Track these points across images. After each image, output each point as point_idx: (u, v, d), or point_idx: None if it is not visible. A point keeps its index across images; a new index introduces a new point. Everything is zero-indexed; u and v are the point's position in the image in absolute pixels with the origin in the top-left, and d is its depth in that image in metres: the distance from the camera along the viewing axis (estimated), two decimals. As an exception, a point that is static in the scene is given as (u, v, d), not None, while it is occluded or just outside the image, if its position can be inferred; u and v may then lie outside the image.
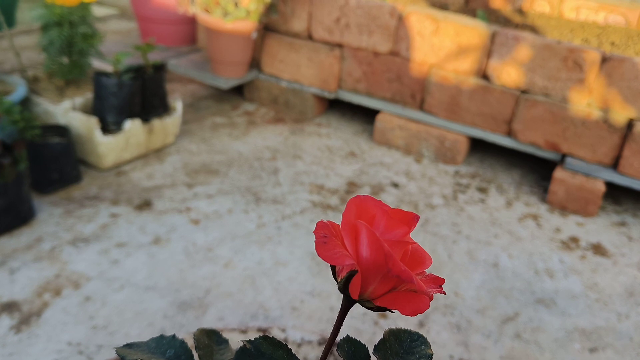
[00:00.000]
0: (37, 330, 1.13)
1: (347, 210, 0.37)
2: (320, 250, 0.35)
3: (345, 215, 0.37)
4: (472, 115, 2.00)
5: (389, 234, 0.36)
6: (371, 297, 0.37)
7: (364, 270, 0.36)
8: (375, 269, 0.36)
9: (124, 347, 0.44)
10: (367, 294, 0.37)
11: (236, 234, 1.50)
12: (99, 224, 1.48)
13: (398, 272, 0.34)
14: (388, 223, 0.36)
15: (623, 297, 1.44)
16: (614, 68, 1.74)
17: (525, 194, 1.90)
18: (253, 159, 1.92)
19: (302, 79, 2.26)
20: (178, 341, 0.45)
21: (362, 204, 0.38)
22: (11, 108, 1.46)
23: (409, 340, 0.43)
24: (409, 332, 0.43)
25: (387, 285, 0.37)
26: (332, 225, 0.38)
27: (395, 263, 0.34)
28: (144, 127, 1.78)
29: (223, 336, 0.47)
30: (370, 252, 0.35)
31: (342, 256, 0.35)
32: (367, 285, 0.37)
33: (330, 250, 0.35)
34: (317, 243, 0.36)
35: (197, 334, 0.45)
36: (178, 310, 1.22)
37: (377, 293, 0.37)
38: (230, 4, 2.00)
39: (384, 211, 0.36)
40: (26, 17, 2.89)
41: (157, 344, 0.45)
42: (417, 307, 0.35)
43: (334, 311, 1.27)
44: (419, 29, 2.00)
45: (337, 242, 0.36)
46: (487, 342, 1.24)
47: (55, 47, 1.68)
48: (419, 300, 0.36)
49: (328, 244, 0.36)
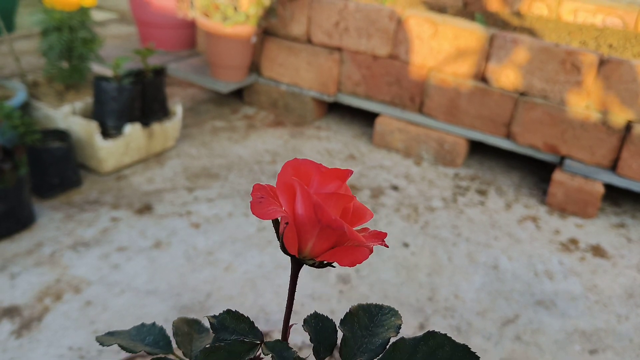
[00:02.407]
0: (38, 335, 1.13)
1: (282, 171, 0.38)
2: (254, 209, 0.36)
3: (281, 175, 0.38)
4: (471, 117, 2.00)
5: (322, 189, 0.37)
6: (312, 255, 0.38)
7: (300, 225, 0.37)
8: (310, 223, 0.36)
9: (105, 334, 0.45)
10: (307, 251, 0.38)
11: (236, 238, 1.51)
12: (100, 228, 1.48)
13: (328, 221, 0.35)
14: (322, 179, 0.37)
15: (622, 298, 1.44)
16: (612, 70, 1.75)
17: (525, 196, 1.91)
18: (253, 162, 1.92)
19: (301, 82, 2.26)
20: (157, 328, 0.46)
21: (299, 165, 0.38)
22: (11, 113, 1.47)
23: (379, 314, 0.43)
24: (380, 306, 0.43)
25: (327, 242, 0.37)
26: (270, 188, 0.39)
27: (325, 213, 0.34)
28: (144, 132, 1.78)
29: (204, 325, 0.47)
30: (304, 207, 0.36)
31: (274, 211, 0.36)
32: (305, 241, 0.37)
33: (264, 208, 0.36)
34: (252, 203, 0.36)
35: (176, 322, 0.46)
36: (179, 314, 1.22)
37: (318, 250, 0.37)
38: (229, 8, 2.01)
39: (318, 169, 0.37)
40: (26, 21, 2.89)
41: (137, 332, 0.46)
42: (355, 257, 0.36)
43: (335, 314, 1.27)
44: (417, 32, 2.01)
45: (274, 201, 0.37)
46: (488, 344, 1.24)
47: (55, 52, 1.68)
48: (358, 251, 0.36)
49: (263, 203, 0.36)
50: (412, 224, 1.66)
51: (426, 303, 1.34)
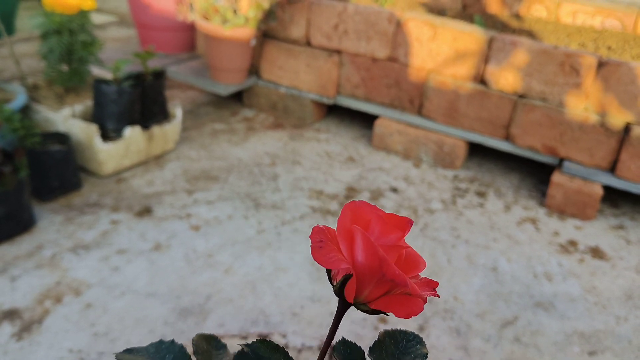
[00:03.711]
0: (39, 337, 1.14)
1: (342, 215, 0.38)
2: (316, 255, 0.36)
3: (341, 220, 0.38)
4: (470, 120, 2.01)
5: (383, 238, 0.37)
6: (366, 301, 0.38)
7: (359, 274, 0.37)
8: (370, 273, 0.36)
9: (124, 352, 0.44)
10: (362, 297, 0.38)
11: (236, 240, 1.51)
12: (100, 230, 1.49)
13: (392, 276, 0.35)
14: (383, 228, 0.37)
15: (621, 300, 1.45)
16: (611, 72, 1.75)
17: (524, 198, 1.91)
18: (252, 164, 1.92)
19: (300, 84, 2.27)
20: (177, 346, 0.45)
21: (357, 209, 0.38)
22: (11, 116, 1.47)
23: (404, 340, 0.43)
24: (405, 332, 0.43)
25: (381, 289, 0.37)
26: (327, 230, 0.38)
27: (390, 267, 0.35)
28: (143, 134, 1.79)
29: (221, 341, 0.47)
30: (365, 256, 0.36)
31: (338, 260, 0.36)
32: (362, 288, 0.37)
33: (326, 255, 0.36)
34: (313, 247, 0.36)
35: (196, 339, 0.46)
36: (179, 317, 1.22)
37: (372, 296, 0.38)
38: (229, 11, 2.01)
39: (379, 216, 0.37)
40: (26, 24, 2.90)
41: (156, 349, 0.45)
42: (411, 310, 0.36)
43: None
44: (416, 34, 2.01)
45: (333, 246, 0.37)
46: (487, 346, 1.25)
47: (54, 55, 1.69)
48: (413, 303, 0.36)
49: (324, 249, 0.36)
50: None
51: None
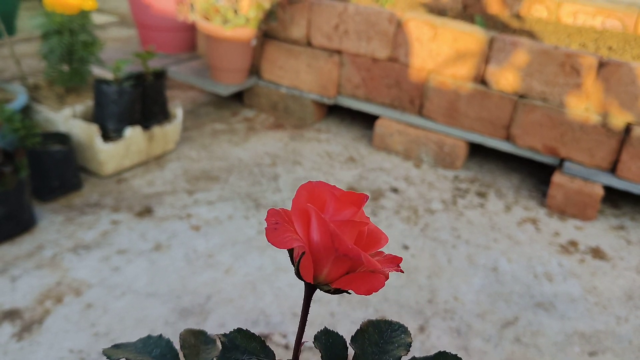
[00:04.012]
0: (39, 337, 1.14)
1: (297, 195, 0.37)
2: (270, 236, 0.35)
3: (296, 200, 0.37)
4: (470, 120, 2.01)
5: (337, 215, 0.36)
6: (327, 280, 0.37)
7: (316, 253, 0.36)
8: (326, 250, 0.36)
9: (112, 347, 0.44)
10: (322, 277, 0.37)
11: (237, 240, 1.51)
12: (100, 231, 1.49)
13: (345, 250, 0.34)
14: (337, 205, 0.36)
15: (622, 300, 1.44)
16: (611, 73, 1.75)
17: (524, 198, 1.91)
18: (253, 165, 1.92)
19: (301, 85, 2.27)
20: (164, 341, 0.46)
21: (313, 189, 0.38)
22: (12, 116, 1.47)
23: (389, 330, 0.42)
24: (390, 322, 0.43)
25: (342, 268, 0.36)
26: (284, 212, 0.38)
27: (342, 242, 0.34)
28: (144, 134, 1.79)
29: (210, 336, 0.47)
30: (320, 234, 0.35)
31: (291, 240, 0.35)
32: (320, 267, 0.37)
33: (279, 236, 0.35)
34: (267, 229, 0.36)
35: (184, 334, 0.46)
36: (179, 317, 1.22)
37: (332, 276, 0.37)
38: (229, 12, 2.01)
39: (334, 194, 0.37)
40: (26, 25, 2.90)
41: (144, 344, 0.45)
42: (372, 285, 0.35)
43: (335, 317, 1.27)
44: (417, 35, 2.01)
45: (289, 227, 0.37)
46: (487, 346, 1.25)
47: (55, 55, 1.69)
48: (374, 278, 0.35)
49: (278, 230, 0.36)
50: (411, 227, 1.66)
51: (426, 305, 1.35)
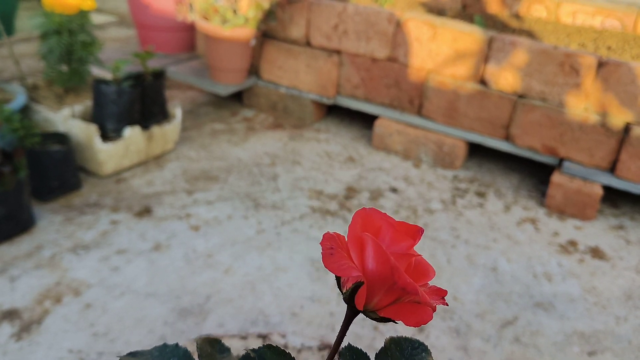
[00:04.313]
0: (38, 337, 1.14)
1: (353, 222, 0.38)
2: (327, 262, 0.36)
3: (352, 227, 0.38)
4: (470, 120, 2.01)
5: (394, 246, 0.37)
6: (375, 308, 0.38)
7: (370, 282, 0.37)
8: (381, 281, 0.36)
9: (127, 355, 0.44)
10: (371, 305, 0.38)
11: (236, 240, 1.51)
12: (99, 231, 1.49)
13: (404, 284, 0.35)
14: (394, 236, 0.37)
15: (621, 300, 1.44)
16: (611, 72, 1.75)
17: (524, 198, 1.91)
18: (252, 165, 1.92)
19: (300, 85, 2.27)
20: (181, 350, 0.45)
21: (368, 216, 0.38)
22: (11, 116, 1.47)
23: (409, 348, 0.43)
24: (410, 340, 0.43)
25: (391, 297, 0.37)
26: (338, 237, 0.38)
27: (401, 276, 0.35)
28: (143, 134, 1.79)
29: (225, 345, 0.47)
30: (376, 264, 0.36)
31: (349, 268, 0.36)
32: (372, 296, 0.37)
33: (337, 262, 0.36)
34: (324, 254, 0.36)
35: (200, 343, 0.46)
36: (178, 317, 1.22)
37: (381, 304, 0.37)
38: (228, 12, 2.01)
39: (390, 224, 0.37)
40: (25, 25, 2.90)
41: (160, 353, 0.45)
42: (420, 318, 0.36)
43: (334, 316, 1.27)
44: (416, 35, 2.01)
45: (344, 253, 0.37)
46: (487, 346, 1.25)
47: (54, 55, 1.69)
48: (423, 311, 0.36)
49: (335, 256, 0.36)
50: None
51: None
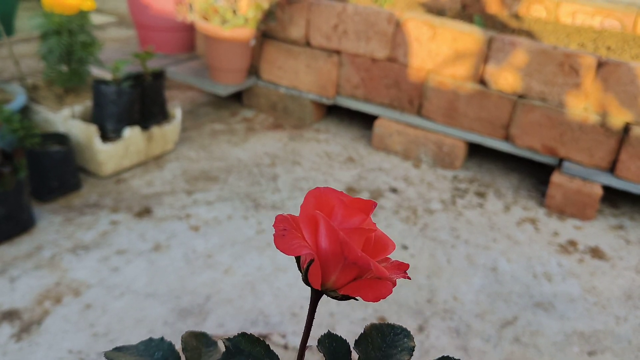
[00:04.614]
0: (38, 338, 1.14)
1: (305, 202, 0.37)
2: (278, 243, 0.35)
3: (304, 207, 0.37)
4: (469, 120, 2.01)
5: (346, 222, 0.36)
6: (335, 287, 0.37)
7: (324, 260, 0.36)
8: (334, 257, 0.36)
9: (113, 350, 0.44)
10: (330, 283, 0.37)
11: (236, 240, 1.51)
12: (99, 231, 1.49)
13: (354, 258, 0.34)
14: (345, 212, 0.36)
15: (621, 300, 1.45)
16: (610, 72, 1.75)
17: (523, 198, 1.91)
18: (252, 165, 1.92)
19: (300, 85, 2.27)
20: (166, 343, 0.46)
21: (321, 195, 0.38)
22: (11, 116, 1.47)
23: (392, 334, 0.42)
24: (392, 326, 0.43)
25: (350, 274, 0.37)
26: (292, 219, 0.38)
27: (351, 250, 0.34)
28: (143, 135, 1.79)
29: (212, 338, 0.47)
30: (328, 241, 0.36)
31: (299, 247, 0.35)
32: (328, 274, 0.37)
33: (287, 242, 0.35)
34: (275, 236, 0.36)
35: (185, 337, 0.46)
36: (178, 317, 1.22)
37: (340, 282, 0.37)
38: (228, 12, 2.01)
39: (342, 201, 0.37)
40: (25, 25, 2.90)
41: (145, 347, 0.45)
42: (379, 293, 0.35)
43: (334, 317, 1.27)
44: (416, 35, 2.01)
45: (297, 234, 0.37)
46: (487, 346, 1.25)
47: (54, 55, 1.69)
48: (382, 286, 0.36)
49: (286, 236, 0.36)
50: (411, 227, 1.66)
51: (425, 305, 1.35)
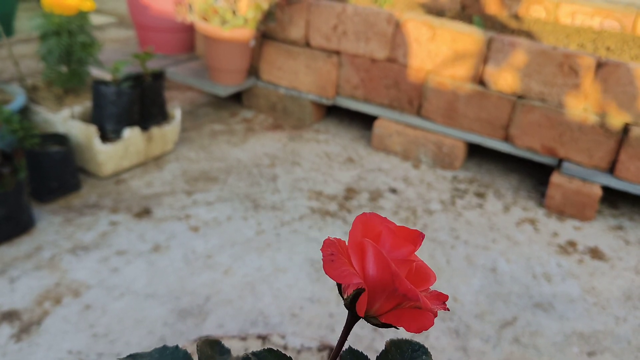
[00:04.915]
0: (38, 339, 1.14)
1: (353, 228, 0.38)
2: (328, 268, 0.36)
3: (352, 233, 0.37)
4: (469, 120, 2.01)
5: (395, 252, 0.37)
6: (376, 314, 0.38)
7: (371, 288, 0.36)
8: (382, 287, 0.36)
9: (128, 357, 0.44)
10: (372, 310, 0.38)
11: (235, 241, 1.51)
12: (99, 232, 1.49)
13: (405, 291, 0.35)
14: (394, 241, 0.37)
15: (621, 300, 1.45)
16: (610, 73, 1.76)
17: (523, 198, 1.91)
18: (252, 165, 1.92)
19: (300, 85, 2.27)
20: (181, 352, 0.45)
21: (368, 221, 0.38)
22: (10, 117, 1.47)
23: (410, 350, 0.43)
24: (410, 342, 0.43)
25: (392, 302, 0.37)
26: (338, 243, 0.38)
27: (402, 282, 0.35)
28: (143, 135, 1.79)
29: (225, 346, 0.47)
30: (377, 270, 0.36)
31: (350, 275, 0.35)
32: (373, 302, 0.37)
33: (337, 269, 0.35)
34: (324, 261, 0.36)
35: (200, 345, 0.45)
36: (178, 318, 1.22)
37: (382, 310, 0.37)
38: (228, 12, 2.01)
39: (390, 229, 0.37)
40: (25, 26, 2.90)
41: (160, 355, 0.45)
42: (422, 324, 0.36)
43: (334, 317, 1.27)
44: (415, 35, 2.01)
45: (344, 259, 0.37)
46: (486, 346, 1.25)
47: (54, 56, 1.69)
48: (424, 317, 0.36)
49: (335, 262, 0.36)
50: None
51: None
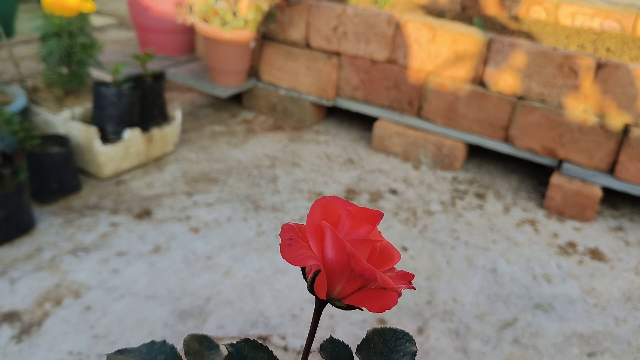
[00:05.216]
0: (38, 339, 1.14)
1: (312, 211, 0.37)
2: (285, 252, 0.35)
3: (310, 216, 0.37)
4: (469, 121, 2.01)
5: (353, 233, 0.36)
6: (340, 296, 0.38)
7: (330, 270, 0.36)
8: (340, 268, 0.36)
9: (115, 353, 0.44)
10: (335, 293, 0.38)
11: (236, 242, 1.51)
12: (99, 233, 1.49)
13: (361, 270, 0.35)
14: (352, 223, 0.36)
15: (621, 301, 1.45)
16: (610, 74, 1.76)
17: (523, 199, 1.91)
18: (252, 167, 1.93)
19: (300, 87, 2.27)
20: (168, 347, 0.45)
21: (328, 204, 0.38)
22: (11, 118, 1.47)
23: (394, 338, 0.42)
24: (394, 330, 0.43)
25: (355, 284, 0.37)
26: (298, 228, 0.38)
27: (358, 262, 0.34)
28: (143, 136, 1.79)
29: (214, 342, 0.47)
30: (335, 252, 0.36)
31: (306, 257, 0.35)
32: (334, 284, 0.37)
33: (294, 252, 0.35)
34: (282, 245, 0.36)
35: (187, 340, 0.46)
36: (178, 319, 1.22)
37: (345, 292, 0.37)
38: (228, 14, 2.01)
39: (348, 211, 0.37)
40: (25, 27, 2.90)
41: (147, 350, 0.45)
42: (384, 303, 0.36)
43: (334, 318, 1.27)
44: (416, 37, 2.02)
45: (303, 244, 0.37)
46: (486, 347, 1.25)
47: (54, 57, 1.69)
48: (387, 296, 0.36)
49: (293, 246, 0.36)
50: (410, 228, 1.66)
51: (425, 307, 1.35)
